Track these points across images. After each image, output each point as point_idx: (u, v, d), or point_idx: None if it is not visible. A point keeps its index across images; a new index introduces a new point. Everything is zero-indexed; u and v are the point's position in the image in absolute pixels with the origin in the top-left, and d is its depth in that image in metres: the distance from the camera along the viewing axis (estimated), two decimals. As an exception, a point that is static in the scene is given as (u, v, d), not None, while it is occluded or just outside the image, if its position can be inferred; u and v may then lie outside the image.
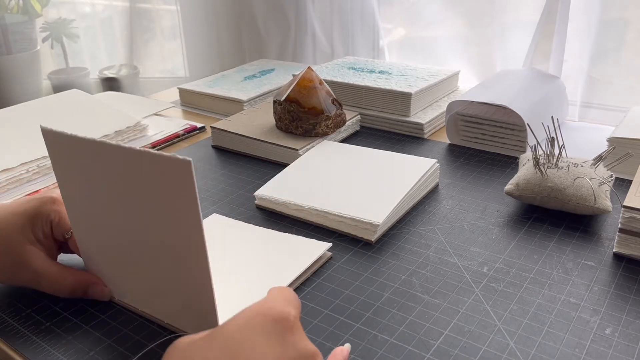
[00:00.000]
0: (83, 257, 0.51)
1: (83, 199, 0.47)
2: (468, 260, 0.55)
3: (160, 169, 0.38)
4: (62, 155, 0.46)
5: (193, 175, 0.37)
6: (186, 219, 0.39)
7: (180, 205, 0.39)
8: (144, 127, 0.87)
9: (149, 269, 0.46)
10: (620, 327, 0.46)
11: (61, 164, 0.46)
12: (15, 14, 1.82)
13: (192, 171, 0.37)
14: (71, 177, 0.46)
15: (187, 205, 0.38)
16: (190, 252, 0.41)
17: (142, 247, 0.45)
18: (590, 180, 0.60)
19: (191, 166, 0.37)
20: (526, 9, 1.03)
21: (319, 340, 0.46)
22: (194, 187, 0.37)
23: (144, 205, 0.42)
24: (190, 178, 0.37)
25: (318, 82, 0.81)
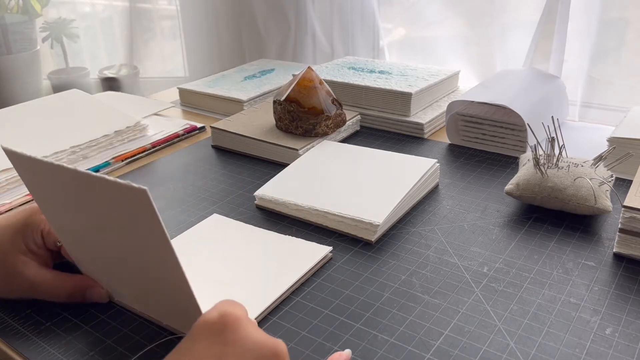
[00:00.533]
0: (76, 263, 0.51)
1: (58, 218, 0.46)
2: (468, 261, 0.55)
3: (117, 196, 0.38)
4: (30, 175, 0.45)
5: (151, 202, 0.36)
6: (154, 243, 0.39)
7: (144, 230, 0.38)
8: (144, 127, 0.87)
9: (133, 282, 0.46)
10: (621, 327, 0.46)
11: (31, 184, 0.45)
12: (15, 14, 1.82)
13: (149, 198, 0.36)
14: (43, 197, 0.46)
15: (152, 230, 0.37)
16: (165, 272, 0.40)
17: (120, 264, 0.44)
18: (590, 180, 0.60)
19: (147, 194, 0.35)
20: (526, 9, 1.03)
21: (319, 341, 0.46)
22: (155, 213, 0.36)
23: (110, 228, 0.41)
24: (149, 205, 0.36)
25: (318, 82, 0.81)
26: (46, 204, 0.46)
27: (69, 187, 0.41)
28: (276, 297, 0.50)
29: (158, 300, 0.46)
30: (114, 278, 0.49)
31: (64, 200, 0.43)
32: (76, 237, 0.47)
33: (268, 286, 0.51)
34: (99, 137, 0.81)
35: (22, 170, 0.45)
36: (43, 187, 0.44)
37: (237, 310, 0.37)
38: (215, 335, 0.35)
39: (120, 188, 0.36)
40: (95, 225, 0.42)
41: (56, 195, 0.43)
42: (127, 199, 0.37)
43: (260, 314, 0.48)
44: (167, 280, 0.41)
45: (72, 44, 1.92)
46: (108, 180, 0.37)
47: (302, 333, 0.47)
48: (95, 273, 0.50)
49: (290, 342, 0.46)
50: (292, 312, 0.49)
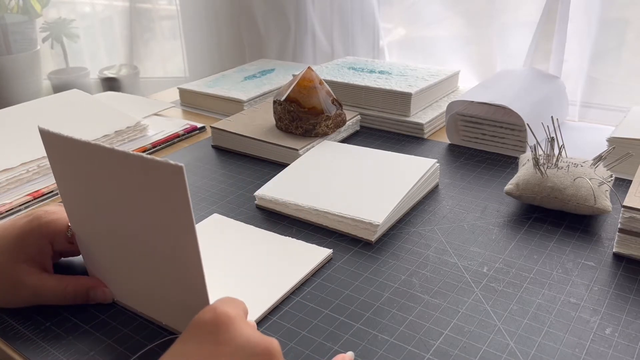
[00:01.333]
0: (83, 256, 0.51)
1: (81, 200, 0.47)
2: (468, 260, 0.55)
3: (152, 173, 0.38)
4: (60, 156, 0.46)
5: (185, 180, 0.37)
6: (179, 223, 0.39)
7: (173, 210, 0.39)
8: (144, 127, 0.87)
9: (145, 270, 0.46)
10: (620, 327, 0.46)
11: (59, 165, 0.46)
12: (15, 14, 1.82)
13: (184, 176, 0.36)
14: (69, 178, 0.46)
15: (180, 209, 0.38)
16: (184, 255, 0.41)
17: (137, 248, 0.45)
18: (590, 180, 0.60)
19: (183, 171, 0.36)
20: (526, 9, 1.03)
21: (319, 341, 0.46)
22: (187, 192, 0.37)
23: (138, 207, 0.42)
24: (183, 183, 0.37)
25: (318, 82, 0.81)
26: (72, 187, 0.46)
27: (102, 166, 0.42)
28: (276, 300, 0.50)
29: (164, 295, 0.46)
30: (123, 272, 0.48)
31: (94, 180, 0.43)
32: (95, 222, 0.47)
33: (268, 288, 0.51)
34: (99, 137, 0.81)
35: (53, 152, 0.46)
36: (73, 169, 0.45)
37: (231, 309, 0.37)
38: (208, 334, 0.36)
39: (157, 165, 0.37)
40: (121, 206, 0.43)
41: (86, 176, 0.44)
42: (163, 176, 0.38)
43: (260, 316, 0.48)
44: (182, 266, 0.41)
45: (72, 44, 1.92)
46: (145, 158, 0.38)
47: (302, 333, 0.47)
48: (103, 268, 0.50)
49: (290, 342, 0.46)
50: (292, 312, 0.49)
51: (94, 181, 0.44)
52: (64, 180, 0.47)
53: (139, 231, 0.43)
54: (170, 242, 0.41)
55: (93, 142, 0.41)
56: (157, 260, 0.43)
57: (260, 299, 0.50)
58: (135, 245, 0.45)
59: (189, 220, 0.38)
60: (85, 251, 0.51)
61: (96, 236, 0.48)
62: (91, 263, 0.51)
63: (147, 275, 0.46)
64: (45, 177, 0.74)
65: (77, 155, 0.43)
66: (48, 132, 0.44)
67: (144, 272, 0.46)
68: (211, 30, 1.52)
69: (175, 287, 0.44)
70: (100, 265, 0.50)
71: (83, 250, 0.51)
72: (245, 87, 1.03)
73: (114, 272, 0.50)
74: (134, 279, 0.48)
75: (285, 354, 0.45)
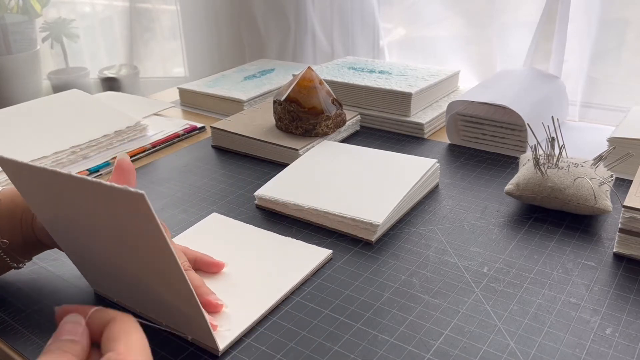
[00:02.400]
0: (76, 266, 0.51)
1: (56, 223, 0.45)
2: (468, 261, 0.55)
3: (115, 200, 0.37)
4: (26, 184, 0.44)
5: (149, 207, 0.35)
6: (154, 246, 0.38)
7: (144, 234, 0.37)
8: (144, 127, 0.87)
9: (135, 284, 0.45)
10: (621, 327, 0.46)
11: (27, 192, 0.44)
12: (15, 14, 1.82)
13: (147, 203, 0.35)
14: (40, 204, 0.45)
15: (151, 234, 0.37)
16: (167, 274, 0.40)
17: (122, 268, 0.44)
18: (590, 180, 0.60)
19: (145, 199, 0.34)
20: (526, 9, 1.03)
21: (319, 341, 0.46)
22: (154, 217, 0.35)
23: (109, 232, 0.40)
24: (148, 209, 0.35)
25: (318, 82, 0.81)
26: (45, 211, 0.45)
27: (64, 193, 0.40)
28: (275, 300, 0.50)
29: (156, 304, 0.46)
30: (116, 281, 0.48)
31: (60, 206, 0.42)
32: (76, 244, 0.46)
33: (267, 288, 0.51)
34: (99, 137, 0.81)
35: (18, 180, 0.44)
36: (42, 196, 0.43)
37: None
38: None
39: (117, 193, 0.35)
40: (93, 231, 0.42)
41: (55, 203, 0.42)
42: (125, 203, 0.36)
43: (259, 317, 0.48)
44: (168, 282, 0.41)
45: (72, 44, 1.92)
46: (105, 186, 0.36)
47: (302, 333, 0.47)
48: (95, 276, 0.50)
49: (290, 342, 0.46)
50: (292, 312, 0.49)
51: (62, 207, 0.42)
52: (36, 206, 0.45)
53: (118, 253, 0.42)
54: (151, 262, 0.40)
55: (50, 168, 0.39)
56: (143, 277, 0.43)
57: (260, 299, 0.50)
58: (119, 265, 0.44)
59: (164, 243, 0.37)
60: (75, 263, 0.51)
61: (82, 254, 0.48)
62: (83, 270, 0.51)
63: (138, 287, 0.45)
64: (45, 177, 0.74)
65: (41, 182, 0.41)
66: (9, 160, 0.42)
67: (134, 285, 0.45)
68: (211, 30, 1.52)
69: (168, 297, 0.43)
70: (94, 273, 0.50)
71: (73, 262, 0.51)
72: (245, 87, 1.03)
73: (109, 281, 0.49)
74: (128, 291, 0.48)
75: (285, 354, 0.45)
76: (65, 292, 0.53)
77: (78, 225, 0.43)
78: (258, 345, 0.46)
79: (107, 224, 0.40)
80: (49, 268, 0.57)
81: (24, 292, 0.53)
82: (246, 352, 0.45)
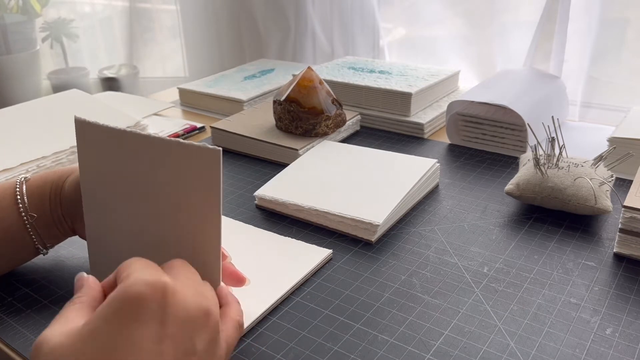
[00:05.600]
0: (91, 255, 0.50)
1: (104, 192, 0.46)
2: (468, 261, 0.55)
3: (190, 158, 0.39)
4: (91, 144, 0.46)
5: (220, 165, 0.38)
6: (207, 209, 0.40)
7: (203, 195, 0.40)
8: (144, 127, 0.87)
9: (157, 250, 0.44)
10: (621, 328, 0.46)
11: (87, 154, 0.46)
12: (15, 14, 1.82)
13: (220, 161, 0.38)
14: (96, 167, 0.46)
15: (210, 195, 0.39)
16: (204, 244, 0.41)
17: (156, 241, 0.44)
18: (590, 180, 0.60)
19: (220, 155, 0.38)
20: (526, 9, 1.03)
21: (319, 341, 0.46)
22: (220, 177, 0.38)
23: (165, 195, 0.42)
24: (217, 168, 0.38)
25: (318, 82, 0.81)
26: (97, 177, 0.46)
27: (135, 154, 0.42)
28: (275, 300, 0.50)
29: None
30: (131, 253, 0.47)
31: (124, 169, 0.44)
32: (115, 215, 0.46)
33: (267, 288, 0.51)
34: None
35: (84, 141, 0.46)
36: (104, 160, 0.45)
37: (160, 277, 0.34)
38: (150, 312, 0.32)
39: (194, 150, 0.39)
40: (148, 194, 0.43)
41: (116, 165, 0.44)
42: (198, 161, 0.39)
43: (258, 317, 0.48)
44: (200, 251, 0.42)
45: (71, 44, 1.92)
46: (182, 143, 0.39)
47: (302, 333, 0.47)
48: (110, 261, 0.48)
49: (290, 342, 0.46)
50: (292, 312, 0.49)
51: (124, 169, 0.44)
52: (90, 170, 0.47)
53: (162, 221, 0.43)
54: (194, 231, 0.42)
55: (128, 129, 0.42)
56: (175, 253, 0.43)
57: (259, 300, 0.50)
58: (154, 238, 0.44)
59: (217, 208, 0.39)
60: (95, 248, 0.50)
61: (112, 230, 0.47)
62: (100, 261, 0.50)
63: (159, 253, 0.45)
64: (45, 177, 0.74)
65: (110, 143, 0.44)
66: (83, 121, 0.45)
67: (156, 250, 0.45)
68: (211, 30, 1.52)
69: None
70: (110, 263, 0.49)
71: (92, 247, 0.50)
72: (245, 87, 1.03)
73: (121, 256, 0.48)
74: None
75: (285, 354, 0.45)
76: (65, 292, 0.53)
77: (130, 188, 0.44)
78: (258, 345, 0.46)
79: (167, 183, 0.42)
80: (49, 268, 0.57)
81: (24, 292, 0.53)
82: (246, 351, 0.45)
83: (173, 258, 0.42)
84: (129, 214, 0.45)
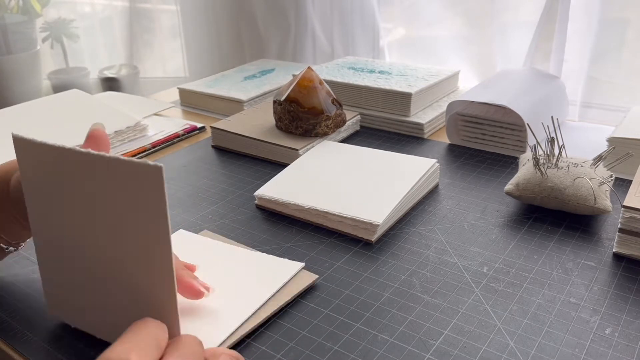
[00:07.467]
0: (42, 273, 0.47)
1: (50, 210, 0.44)
2: (468, 260, 0.55)
3: (130, 175, 0.37)
4: (33, 162, 0.43)
5: (163, 183, 0.35)
6: (154, 229, 0.37)
7: (148, 214, 0.37)
8: (144, 127, 0.87)
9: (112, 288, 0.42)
10: (620, 327, 0.46)
11: (30, 173, 0.44)
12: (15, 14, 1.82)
13: (162, 178, 0.35)
14: (39, 187, 0.44)
15: (156, 214, 0.37)
16: (155, 264, 0.38)
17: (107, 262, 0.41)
18: (590, 180, 0.60)
19: (162, 172, 0.35)
20: (526, 8, 1.03)
21: (319, 340, 0.46)
22: (164, 195, 0.35)
23: (110, 215, 0.39)
24: (161, 185, 0.35)
25: (318, 82, 0.81)
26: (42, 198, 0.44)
27: (78, 172, 0.40)
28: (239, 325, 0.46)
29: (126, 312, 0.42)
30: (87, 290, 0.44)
31: (67, 189, 0.42)
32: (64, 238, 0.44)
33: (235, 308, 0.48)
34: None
35: (25, 159, 0.44)
36: (45, 178, 0.43)
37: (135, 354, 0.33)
38: None
39: (135, 166, 0.36)
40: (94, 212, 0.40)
41: (59, 185, 0.42)
42: (141, 178, 0.36)
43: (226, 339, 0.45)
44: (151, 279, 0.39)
45: (72, 44, 1.92)
46: (123, 160, 0.37)
47: (302, 333, 0.47)
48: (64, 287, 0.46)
49: (290, 342, 0.46)
50: (292, 312, 0.49)
51: (68, 188, 0.41)
52: (34, 189, 0.44)
53: (110, 239, 0.40)
54: (143, 249, 0.39)
55: (68, 147, 0.39)
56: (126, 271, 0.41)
57: (226, 321, 0.47)
58: (103, 255, 0.42)
59: (165, 226, 0.36)
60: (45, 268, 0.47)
61: (60, 249, 0.45)
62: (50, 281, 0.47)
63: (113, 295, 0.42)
64: (45, 177, 0.74)
65: (52, 160, 0.41)
66: (22, 139, 0.43)
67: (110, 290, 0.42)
68: (211, 30, 1.52)
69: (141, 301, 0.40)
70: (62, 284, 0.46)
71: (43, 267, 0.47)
72: (245, 87, 1.03)
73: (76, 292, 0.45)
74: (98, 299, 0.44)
75: (285, 353, 0.45)
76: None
77: (75, 209, 0.42)
78: (258, 345, 0.46)
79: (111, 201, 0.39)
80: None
81: (24, 292, 0.53)
82: (246, 351, 0.45)
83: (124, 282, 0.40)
84: (77, 235, 0.43)
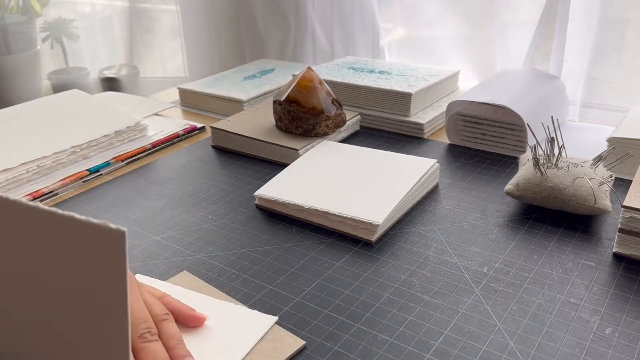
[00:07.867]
0: None
1: None
2: (468, 261, 0.55)
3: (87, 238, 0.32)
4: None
5: (125, 249, 0.31)
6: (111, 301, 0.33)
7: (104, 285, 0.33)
8: (144, 127, 0.87)
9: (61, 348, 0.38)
10: (620, 327, 0.46)
11: None
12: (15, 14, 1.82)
13: (125, 244, 0.31)
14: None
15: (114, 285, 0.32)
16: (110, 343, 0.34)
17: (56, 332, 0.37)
18: (590, 180, 0.60)
19: (125, 237, 0.31)
20: (526, 9, 1.03)
21: (319, 340, 0.46)
22: (125, 264, 0.31)
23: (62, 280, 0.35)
24: (122, 252, 0.31)
25: (318, 82, 0.81)
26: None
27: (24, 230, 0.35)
28: None
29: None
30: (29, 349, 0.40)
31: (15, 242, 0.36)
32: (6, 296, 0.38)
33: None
34: (99, 137, 0.81)
35: None
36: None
37: None
38: None
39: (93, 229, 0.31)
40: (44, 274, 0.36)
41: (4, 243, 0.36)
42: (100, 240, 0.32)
43: None
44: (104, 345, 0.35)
45: (72, 44, 1.92)
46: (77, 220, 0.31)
47: (302, 333, 0.47)
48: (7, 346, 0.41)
49: (290, 342, 0.46)
50: (292, 312, 0.49)
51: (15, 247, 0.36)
52: None
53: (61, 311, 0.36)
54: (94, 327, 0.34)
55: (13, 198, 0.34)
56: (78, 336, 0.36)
57: None
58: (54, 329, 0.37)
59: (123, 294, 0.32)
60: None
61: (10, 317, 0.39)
62: None
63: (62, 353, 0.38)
64: (45, 177, 0.74)
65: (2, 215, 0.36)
66: None
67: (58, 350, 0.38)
68: (211, 30, 1.52)
69: None
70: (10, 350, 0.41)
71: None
72: (245, 87, 1.03)
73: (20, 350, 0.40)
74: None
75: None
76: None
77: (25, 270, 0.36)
78: (258, 345, 0.46)
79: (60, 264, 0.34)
80: None
81: (24, 292, 0.53)
82: (246, 352, 0.45)
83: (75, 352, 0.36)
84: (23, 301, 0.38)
